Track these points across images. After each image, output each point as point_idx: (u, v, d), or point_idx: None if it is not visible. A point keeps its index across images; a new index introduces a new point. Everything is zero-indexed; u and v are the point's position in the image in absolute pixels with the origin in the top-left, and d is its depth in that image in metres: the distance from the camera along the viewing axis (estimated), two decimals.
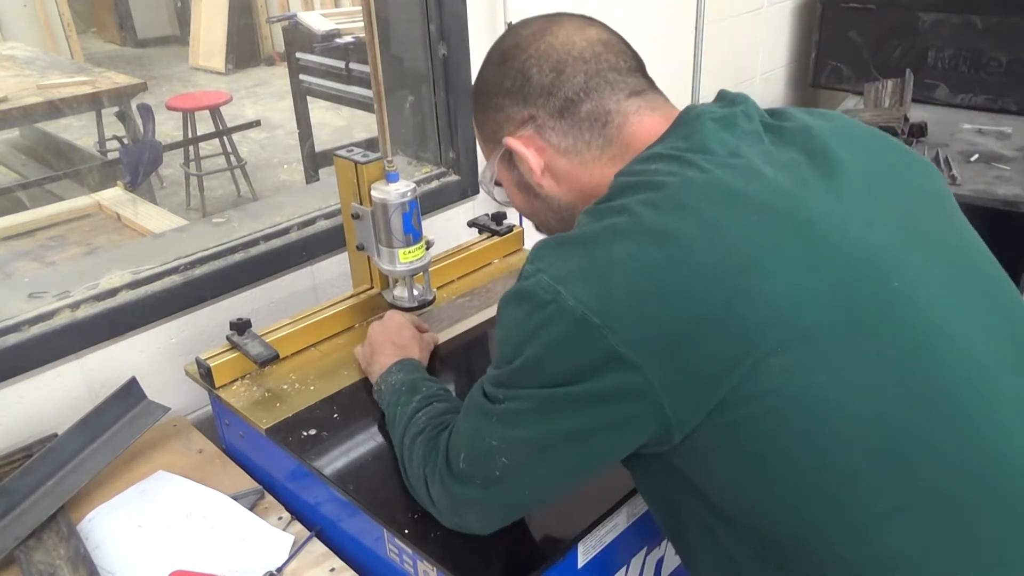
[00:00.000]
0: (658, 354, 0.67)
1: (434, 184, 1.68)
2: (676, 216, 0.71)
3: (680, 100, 0.90)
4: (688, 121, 0.80)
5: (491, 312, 1.35)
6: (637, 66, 0.87)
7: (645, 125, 0.83)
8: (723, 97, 0.84)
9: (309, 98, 3.39)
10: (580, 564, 0.95)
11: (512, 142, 0.87)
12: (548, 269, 0.72)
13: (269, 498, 1.11)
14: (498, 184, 0.95)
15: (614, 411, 0.69)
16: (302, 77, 3.30)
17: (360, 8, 1.18)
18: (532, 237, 1.56)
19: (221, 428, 1.23)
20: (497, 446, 0.76)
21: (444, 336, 1.29)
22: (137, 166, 3.16)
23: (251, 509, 1.08)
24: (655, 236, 0.70)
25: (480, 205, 1.78)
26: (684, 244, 0.69)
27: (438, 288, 1.38)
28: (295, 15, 3.42)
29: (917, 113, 2.36)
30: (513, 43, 0.87)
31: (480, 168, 0.95)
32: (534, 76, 0.84)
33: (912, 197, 0.81)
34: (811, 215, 0.72)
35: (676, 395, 0.67)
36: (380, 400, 1.05)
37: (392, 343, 1.13)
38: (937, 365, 0.70)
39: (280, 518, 1.08)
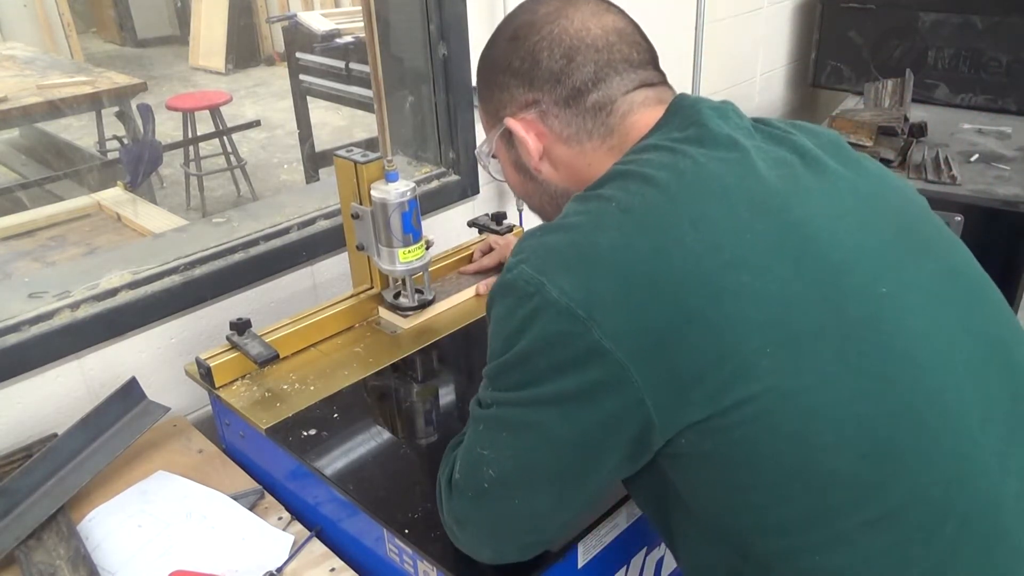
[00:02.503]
0: (643, 349, 0.65)
1: (434, 184, 1.68)
2: (665, 208, 0.69)
3: None
4: (684, 108, 0.79)
5: (457, 299, 1.36)
6: (650, 59, 0.85)
7: (647, 116, 0.82)
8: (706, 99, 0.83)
9: (309, 98, 3.39)
10: (580, 564, 0.95)
11: (513, 124, 0.85)
12: (530, 260, 0.70)
13: (269, 498, 1.11)
14: (494, 157, 0.93)
15: (597, 409, 0.67)
16: (302, 77, 3.30)
17: (360, 8, 1.18)
18: None
19: (221, 428, 1.23)
20: (486, 456, 0.74)
21: (410, 323, 1.29)
22: (137, 166, 3.15)
23: (251, 509, 1.08)
24: (642, 227, 0.69)
25: (480, 205, 1.78)
26: (672, 236, 0.68)
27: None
28: (295, 15, 3.42)
29: (917, 113, 2.36)
30: (527, 21, 0.84)
31: (479, 145, 0.95)
32: (544, 60, 0.82)
33: (899, 207, 0.80)
34: (803, 215, 0.71)
35: (660, 393, 0.65)
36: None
37: None
38: (921, 373, 0.69)
39: (280, 518, 1.08)
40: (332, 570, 0.99)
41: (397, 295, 1.31)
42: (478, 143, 0.95)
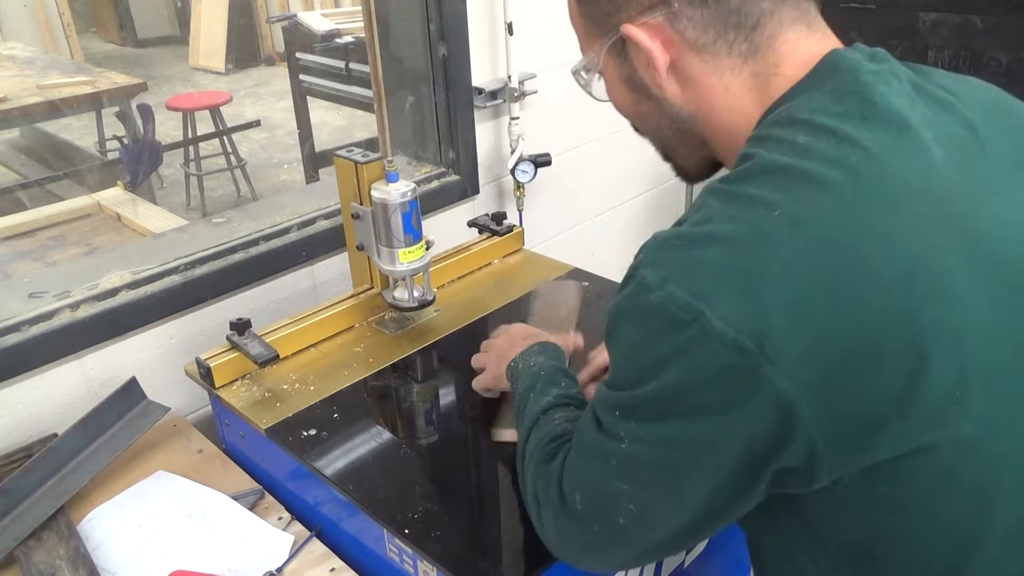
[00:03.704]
0: (819, 388, 0.57)
1: (434, 184, 1.68)
2: (844, 222, 0.59)
3: None
4: (840, 71, 0.66)
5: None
6: None
7: (800, 48, 0.68)
8: (859, 48, 0.69)
9: (309, 98, 3.39)
10: None
11: (634, 31, 0.69)
12: (680, 280, 0.59)
13: (269, 498, 1.11)
14: (600, 74, 0.78)
15: (759, 447, 0.59)
16: (302, 77, 3.30)
17: (360, 8, 1.18)
18: (533, 235, 1.56)
19: (221, 428, 1.23)
20: (625, 491, 0.67)
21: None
22: (137, 166, 3.16)
23: (251, 509, 1.08)
24: (819, 245, 0.58)
25: (480, 205, 1.78)
26: (856, 259, 0.58)
27: (438, 288, 1.38)
28: (295, 15, 3.42)
29: None
30: None
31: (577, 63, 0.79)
32: None
33: None
34: (989, 228, 0.62)
35: (832, 433, 0.58)
36: (514, 379, 0.92)
37: (524, 338, 1.02)
38: None
39: (280, 518, 1.08)
40: (332, 570, 0.99)
41: (397, 295, 1.31)
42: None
